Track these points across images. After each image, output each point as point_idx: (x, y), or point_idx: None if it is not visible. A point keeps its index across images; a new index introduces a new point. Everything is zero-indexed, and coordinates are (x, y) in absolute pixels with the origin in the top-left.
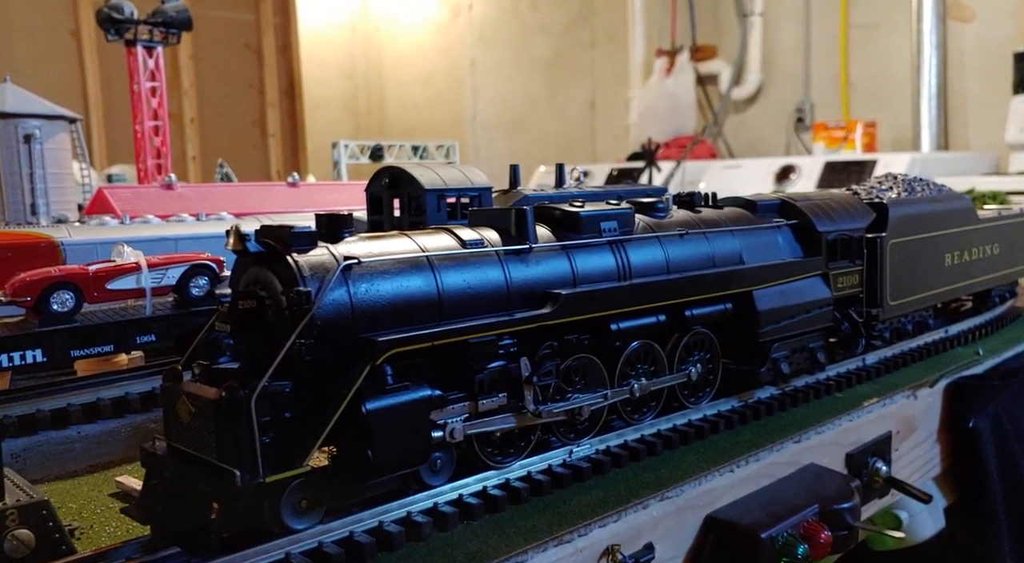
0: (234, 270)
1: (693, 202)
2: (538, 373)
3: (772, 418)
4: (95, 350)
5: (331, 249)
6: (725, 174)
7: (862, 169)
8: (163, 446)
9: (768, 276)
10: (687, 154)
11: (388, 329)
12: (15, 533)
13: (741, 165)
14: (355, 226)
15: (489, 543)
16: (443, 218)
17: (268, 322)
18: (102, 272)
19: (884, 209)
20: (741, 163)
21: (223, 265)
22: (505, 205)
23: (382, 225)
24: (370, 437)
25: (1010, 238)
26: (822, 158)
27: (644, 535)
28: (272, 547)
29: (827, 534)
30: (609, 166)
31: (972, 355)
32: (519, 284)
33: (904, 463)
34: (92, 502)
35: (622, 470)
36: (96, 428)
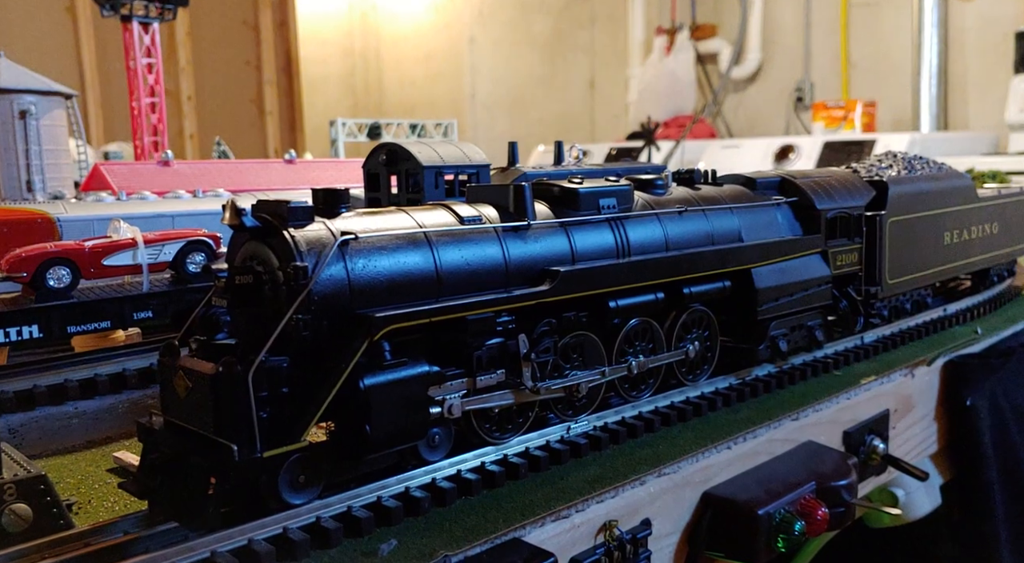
0: (231, 245)
1: (692, 179)
2: (536, 350)
3: (770, 395)
4: (92, 326)
5: (328, 224)
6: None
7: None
8: (160, 421)
9: (767, 254)
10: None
11: (386, 305)
12: (13, 507)
13: (740, 145)
14: (352, 202)
15: (487, 518)
16: (441, 195)
17: (265, 297)
18: (98, 248)
19: (884, 187)
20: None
21: (220, 241)
22: (504, 182)
23: (379, 202)
24: (368, 413)
25: (1009, 217)
26: (821, 138)
27: (641, 511)
28: (269, 522)
29: (824, 511)
30: (608, 145)
31: (971, 334)
32: (517, 261)
33: (901, 441)
34: (90, 477)
35: (620, 447)
36: (93, 404)
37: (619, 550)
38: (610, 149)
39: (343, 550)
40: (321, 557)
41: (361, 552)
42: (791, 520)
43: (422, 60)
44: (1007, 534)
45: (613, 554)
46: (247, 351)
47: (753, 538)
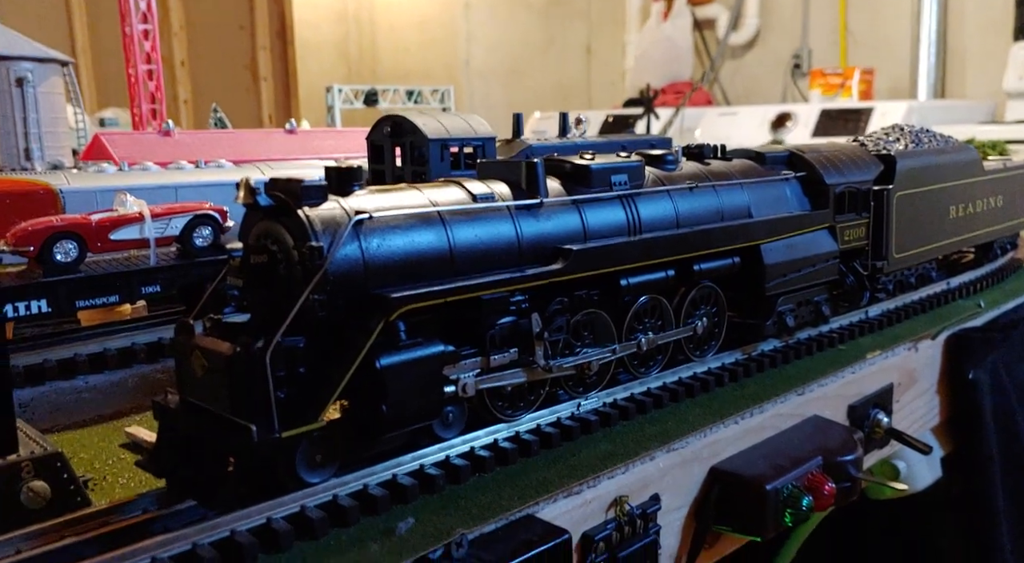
0: (243, 223)
1: (702, 154)
2: (549, 329)
3: (776, 370)
4: (100, 300)
5: (342, 203)
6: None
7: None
8: (175, 399)
9: (777, 229)
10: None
11: (400, 285)
12: (31, 485)
13: (737, 112)
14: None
15: (502, 495)
16: (446, 168)
17: (279, 276)
18: (105, 222)
19: (892, 161)
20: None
21: (227, 215)
22: (509, 155)
23: (383, 174)
24: (384, 392)
25: (1013, 190)
26: (818, 105)
27: (651, 486)
28: (287, 500)
29: (831, 486)
30: (605, 112)
31: (974, 307)
32: (530, 239)
33: (904, 414)
34: (103, 453)
35: (629, 423)
36: (103, 378)
37: (629, 525)
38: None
39: (361, 528)
40: (339, 535)
41: (379, 530)
42: (798, 495)
43: (416, 26)
44: (1005, 506)
45: (624, 529)
46: (263, 331)
47: (761, 513)
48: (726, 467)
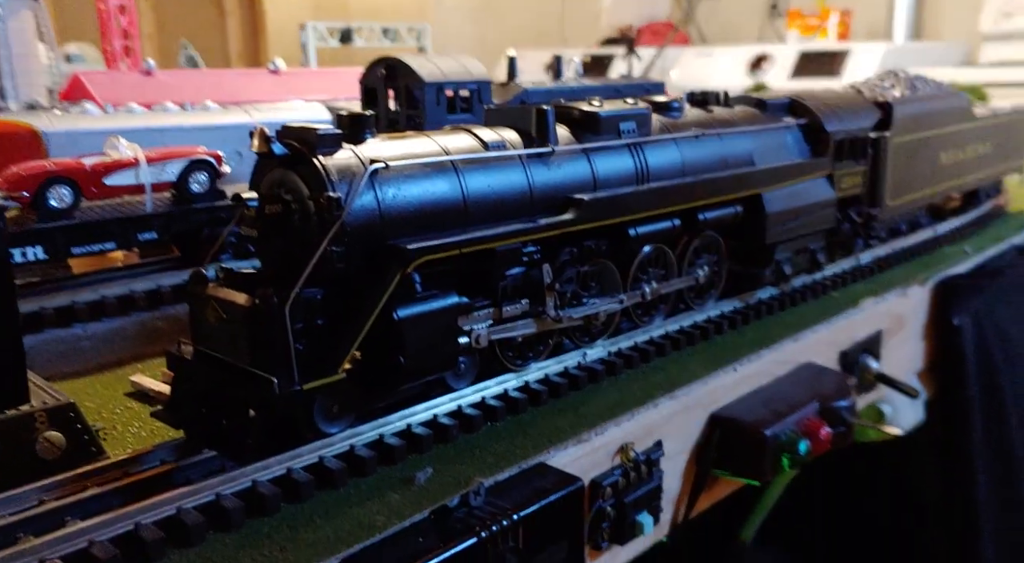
0: (255, 172)
1: (706, 101)
2: (560, 280)
3: (772, 317)
4: (97, 247)
5: (356, 151)
6: (698, 62)
7: (836, 59)
8: (190, 350)
9: (779, 178)
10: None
11: (415, 235)
12: (46, 435)
13: (713, 53)
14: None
15: (515, 444)
16: (442, 112)
17: (294, 227)
18: (100, 166)
19: (889, 108)
20: (714, 50)
21: (222, 160)
22: (504, 99)
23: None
24: (402, 344)
25: (1000, 136)
26: (796, 47)
27: (654, 433)
28: (305, 451)
29: (827, 431)
30: (581, 51)
31: (960, 253)
32: (541, 188)
33: (891, 359)
34: (110, 402)
35: (634, 371)
36: (102, 326)
37: (635, 471)
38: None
39: (379, 478)
40: (359, 484)
41: (397, 480)
42: (796, 440)
43: None
44: (982, 449)
45: (630, 475)
46: (278, 281)
47: (760, 458)
48: (726, 413)
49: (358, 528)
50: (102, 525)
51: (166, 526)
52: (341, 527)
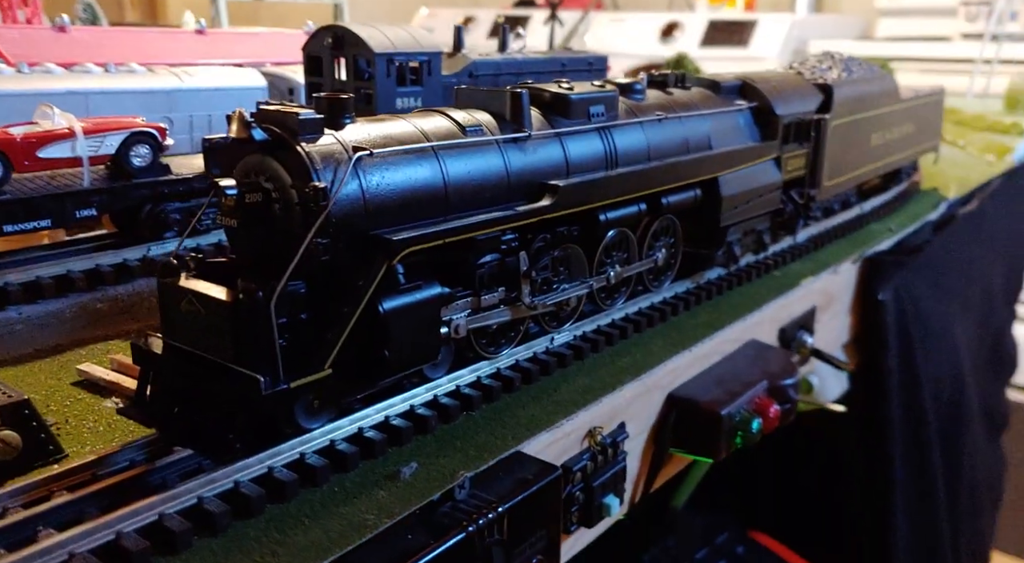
0: (223, 156)
1: (665, 83)
2: (536, 267)
3: (721, 297)
4: (31, 225)
5: (338, 137)
6: (611, 27)
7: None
8: (159, 343)
9: (735, 161)
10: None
11: (397, 224)
12: (1, 436)
13: (626, 19)
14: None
15: (496, 434)
16: (392, 84)
17: (274, 216)
18: (32, 137)
19: (830, 90)
20: (625, 17)
21: (166, 133)
22: (453, 70)
23: (321, 88)
24: (387, 337)
25: (920, 117)
26: (705, 16)
27: (618, 415)
28: (285, 449)
29: (776, 408)
30: (494, 11)
31: (885, 231)
32: (518, 173)
33: (822, 334)
34: (56, 393)
35: (599, 355)
36: (38, 309)
37: (602, 454)
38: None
39: (362, 473)
40: (342, 481)
41: (381, 475)
42: (749, 418)
43: None
44: (900, 418)
45: (597, 458)
46: (257, 273)
47: (716, 437)
48: (682, 393)
49: (349, 528)
50: (82, 536)
51: (148, 533)
52: (331, 528)
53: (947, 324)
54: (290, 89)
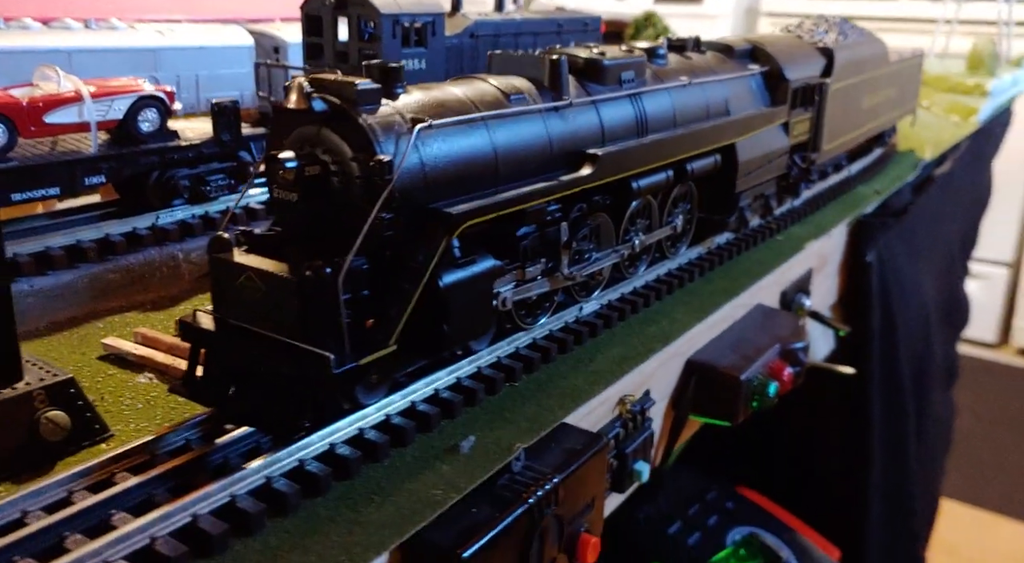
0: (275, 126)
1: (684, 47)
2: (576, 238)
3: (731, 262)
4: (39, 193)
5: (395, 107)
6: None
7: None
8: (209, 319)
9: (752, 127)
10: None
11: (452, 197)
12: (49, 415)
13: None
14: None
15: (542, 406)
16: (397, 46)
17: (332, 189)
18: (39, 102)
19: (831, 54)
20: None
21: (174, 97)
22: (455, 31)
23: (321, 48)
24: (446, 311)
25: (902, 79)
26: None
27: (645, 383)
28: (344, 425)
29: (789, 371)
30: None
31: (872, 193)
32: (558, 142)
33: (815, 296)
34: (84, 368)
35: (626, 323)
36: (50, 281)
37: (632, 421)
38: None
39: (420, 448)
40: (402, 456)
41: (440, 449)
42: (766, 382)
43: None
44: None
45: (628, 426)
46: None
47: (735, 402)
48: (700, 359)
49: (419, 504)
50: (160, 519)
51: (222, 515)
52: (403, 504)
53: (918, 282)
54: (275, 47)
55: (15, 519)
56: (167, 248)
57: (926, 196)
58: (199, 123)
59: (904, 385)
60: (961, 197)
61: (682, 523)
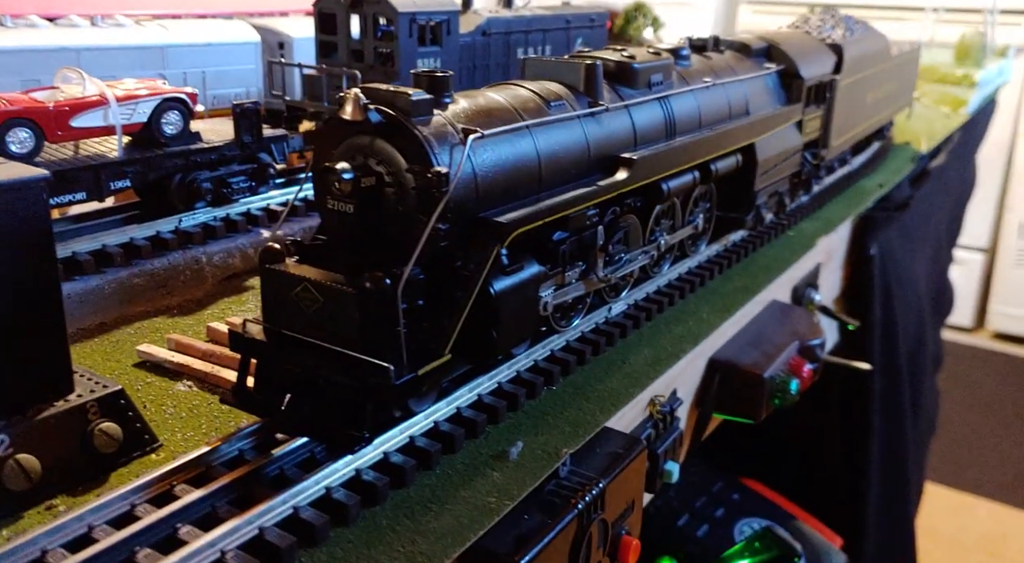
0: (323, 136)
1: (705, 47)
2: (611, 241)
3: (748, 260)
4: (67, 198)
5: (446, 117)
6: None
7: None
8: (259, 329)
9: (770, 126)
10: None
11: (500, 205)
12: (102, 427)
13: None
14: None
15: (583, 410)
16: (414, 44)
17: (387, 200)
18: (65, 106)
19: (840, 51)
20: None
21: (196, 98)
22: (467, 29)
23: (335, 46)
24: (497, 318)
25: (901, 74)
26: None
27: (672, 383)
28: (396, 433)
29: (808, 368)
30: None
31: (875, 187)
32: (595, 146)
33: (822, 290)
34: (120, 376)
35: (654, 323)
36: (77, 286)
37: (662, 422)
38: None
39: (469, 454)
40: (452, 463)
41: (488, 455)
42: (787, 380)
43: None
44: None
45: (658, 426)
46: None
47: (759, 400)
48: (722, 357)
49: (476, 512)
50: (229, 533)
51: (286, 527)
52: (460, 512)
53: (914, 273)
54: (280, 43)
55: (82, 534)
56: (190, 251)
57: (924, 189)
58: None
59: (902, 375)
60: (951, 187)
61: (690, 515)
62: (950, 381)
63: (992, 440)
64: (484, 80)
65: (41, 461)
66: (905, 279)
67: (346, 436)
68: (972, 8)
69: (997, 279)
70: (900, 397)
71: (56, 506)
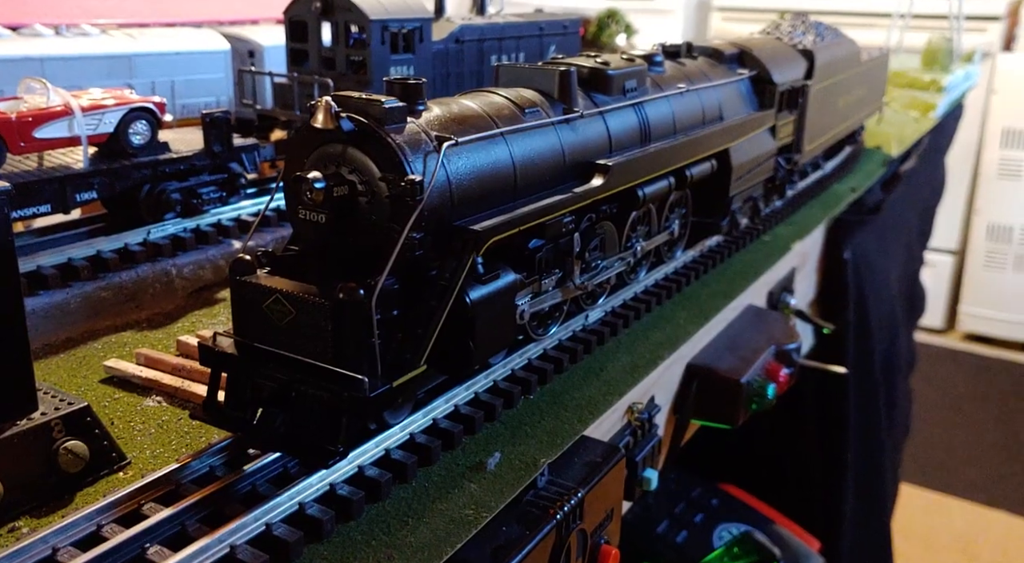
0: (293, 144)
1: (678, 53)
2: (587, 248)
3: (723, 265)
4: (30, 211)
5: (420, 125)
6: None
7: None
8: (229, 343)
9: (744, 131)
10: None
11: (475, 213)
12: (68, 446)
13: None
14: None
15: (561, 419)
16: (386, 52)
17: (360, 209)
18: (28, 116)
19: (811, 56)
20: None
21: (164, 108)
22: (440, 36)
23: (306, 54)
24: (473, 328)
25: (872, 78)
26: None
27: (650, 390)
28: (371, 446)
29: (785, 373)
30: None
31: (848, 191)
32: (570, 153)
33: (797, 294)
34: (87, 392)
35: (631, 330)
36: (42, 300)
37: (640, 429)
38: None
39: (446, 466)
40: (429, 475)
41: (465, 467)
42: (764, 385)
43: None
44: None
45: (637, 433)
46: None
47: (736, 405)
48: (700, 363)
49: (453, 525)
50: (199, 552)
51: (258, 544)
52: (437, 525)
53: (887, 276)
54: (250, 51)
55: (47, 556)
56: (159, 264)
57: (895, 193)
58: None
59: (876, 378)
60: (921, 191)
61: (669, 522)
62: (923, 382)
63: (964, 440)
64: (458, 87)
65: (3, 482)
66: (878, 282)
67: (320, 450)
68: (938, 14)
69: (967, 281)
70: (875, 399)
71: (19, 528)
